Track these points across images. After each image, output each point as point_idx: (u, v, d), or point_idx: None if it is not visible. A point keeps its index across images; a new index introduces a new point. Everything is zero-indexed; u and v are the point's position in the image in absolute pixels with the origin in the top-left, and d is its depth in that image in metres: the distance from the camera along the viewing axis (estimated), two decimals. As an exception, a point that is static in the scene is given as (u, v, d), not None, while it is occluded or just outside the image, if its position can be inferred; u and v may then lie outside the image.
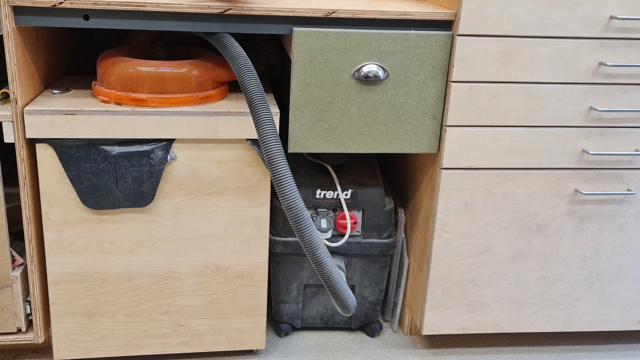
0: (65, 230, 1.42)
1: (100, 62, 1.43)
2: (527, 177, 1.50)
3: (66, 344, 1.51)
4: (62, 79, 1.59)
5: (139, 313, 1.52)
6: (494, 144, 1.46)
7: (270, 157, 1.26)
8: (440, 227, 1.52)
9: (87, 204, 1.40)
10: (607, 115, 1.48)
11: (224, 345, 1.59)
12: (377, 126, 1.45)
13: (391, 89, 1.42)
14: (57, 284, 1.46)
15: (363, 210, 1.63)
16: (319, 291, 1.72)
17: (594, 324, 1.67)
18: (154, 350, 1.56)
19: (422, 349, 1.73)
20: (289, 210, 1.27)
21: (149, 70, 1.39)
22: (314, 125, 1.43)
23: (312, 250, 1.29)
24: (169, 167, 1.41)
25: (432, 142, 1.48)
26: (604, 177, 1.53)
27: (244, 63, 1.31)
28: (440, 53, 1.40)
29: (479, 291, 1.59)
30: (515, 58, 1.40)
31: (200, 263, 1.50)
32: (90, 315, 1.50)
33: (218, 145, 1.41)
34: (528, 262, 1.58)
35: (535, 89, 1.43)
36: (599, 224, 1.57)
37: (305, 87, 1.40)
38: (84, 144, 1.36)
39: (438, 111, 1.45)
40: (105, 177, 1.38)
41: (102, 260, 1.46)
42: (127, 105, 1.39)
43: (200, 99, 1.43)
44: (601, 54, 1.42)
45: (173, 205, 1.44)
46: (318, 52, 1.38)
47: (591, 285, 1.63)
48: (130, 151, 1.38)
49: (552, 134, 1.47)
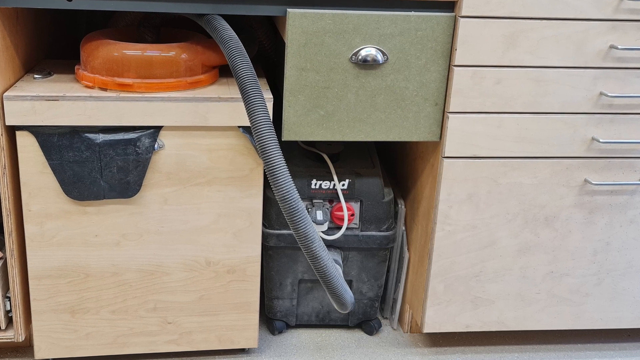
0: (47, 222, 1.43)
1: (84, 45, 1.44)
2: (534, 167, 1.51)
3: (48, 342, 1.52)
4: (43, 63, 1.59)
5: (125, 310, 1.53)
6: (499, 131, 1.47)
7: (263, 145, 1.26)
8: (442, 219, 1.53)
9: (70, 194, 1.41)
10: (618, 101, 1.49)
11: (215, 344, 1.60)
12: (375, 113, 1.46)
13: (390, 73, 1.43)
14: (38, 279, 1.47)
15: (361, 201, 1.64)
16: (315, 287, 1.73)
17: (605, 321, 1.68)
18: (140, 349, 1.57)
19: (423, 347, 1.74)
20: (283, 201, 1.28)
21: (135, 54, 1.40)
22: (309, 111, 1.44)
23: (307, 243, 1.30)
24: (156, 155, 1.42)
25: (433, 129, 1.48)
26: (614, 166, 1.54)
27: (235, 46, 1.31)
28: (442, 35, 1.41)
29: (483, 287, 1.60)
30: (521, 41, 1.41)
31: (189, 257, 1.51)
32: (73, 312, 1.51)
33: (208, 133, 1.42)
34: (535, 256, 1.59)
35: (542, 73, 1.44)
36: (609, 216, 1.58)
37: (300, 71, 1.41)
38: (67, 131, 1.37)
39: (440, 97, 1.46)
40: (89, 166, 1.39)
41: (85, 254, 1.47)
42: (112, 91, 1.39)
43: (190, 84, 1.44)
44: (612, 36, 1.43)
45: (160, 196, 1.45)
46: (313, 35, 1.38)
47: (601, 281, 1.64)
48: (115, 139, 1.39)
49: (560, 121, 1.48)
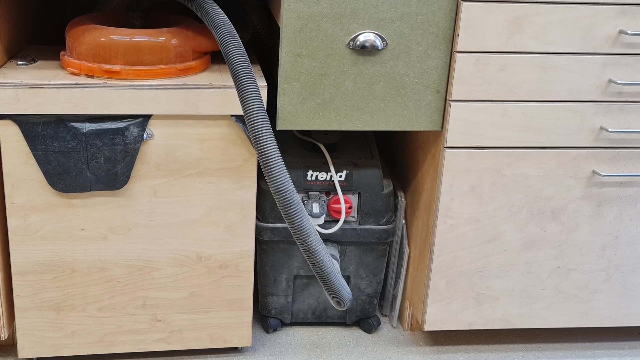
0: (31, 215, 1.44)
1: (70, 30, 1.44)
2: (540, 157, 1.52)
3: (32, 340, 1.53)
4: (27, 49, 1.59)
5: (112, 307, 1.53)
6: (503, 120, 1.48)
7: (256, 134, 1.27)
8: (444, 212, 1.54)
9: (55, 186, 1.41)
10: (627, 88, 1.49)
11: (206, 342, 1.60)
12: (374, 101, 1.46)
13: (390, 60, 1.43)
14: (21, 275, 1.47)
15: (359, 193, 1.64)
16: (311, 283, 1.73)
17: (614, 319, 1.69)
18: (128, 347, 1.58)
19: (424, 346, 1.75)
20: (278, 193, 1.28)
21: (123, 40, 1.40)
22: (305, 99, 1.45)
23: (303, 237, 1.30)
24: (145, 146, 1.43)
25: (435, 118, 1.49)
26: (624, 156, 1.54)
27: (227, 31, 1.31)
28: (444, 20, 1.41)
29: (487, 283, 1.61)
30: (526, 26, 1.41)
31: (179, 252, 1.52)
32: (58, 309, 1.51)
33: (199, 122, 1.43)
34: (541, 250, 1.60)
35: (548, 60, 1.45)
36: (619, 209, 1.58)
37: (296, 57, 1.41)
38: (52, 120, 1.37)
39: (442, 84, 1.46)
40: (75, 157, 1.40)
41: (71, 248, 1.47)
42: (99, 78, 1.40)
43: (180, 71, 1.44)
44: (621, 21, 1.43)
45: (150, 188, 1.46)
46: (309, 19, 1.39)
47: (610, 276, 1.65)
48: (102, 128, 1.39)
49: (567, 109, 1.49)
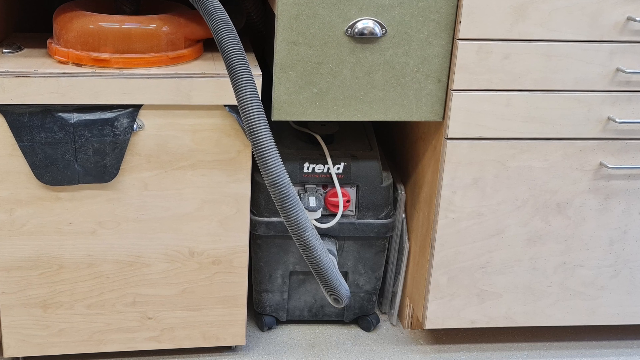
0: (16, 209, 1.44)
1: (57, 17, 1.44)
2: (545, 149, 1.52)
3: (17, 339, 1.53)
4: (13, 37, 1.60)
5: (101, 304, 1.54)
6: (507, 110, 1.48)
7: (251, 125, 1.27)
8: (446, 205, 1.54)
9: (41, 179, 1.41)
10: (636, 77, 1.49)
11: (199, 341, 1.61)
12: (373, 90, 1.47)
13: (389, 47, 1.44)
14: (7, 271, 1.48)
15: (357, 186, 1.65)
16: (307, 279, 1.74)
17: (621, 317, 1.69)
18: (118, 346, 1.58)
19: (425, 344, 1.75)
20: (273, 186, 1.28)
21: (113, 27, 1.40)
22: (301, 89, 1.45)
23: (299, 232, 1.31)
24: (135, 137, 1.43)
25: (436, 108, 1.50)
26: (632, 148, 1.55)
27: (221, 18, 1.31)
28: (446, 6, 1.42)
29: (490, 279, 1.62)
30: (531, 12, 1.42)
31: (171, 247, 1.52)
32: (45, 306, 1.52)
33: (191, 112, 1.43)
34: (546, 245, 1.60)
35: (554, 48, 1.45)
36: (627, 202, 1.59)
37: (292, 45, 1.42)
38: (39, 110, 1.38)
39: (443, 73, 1.47)
40: (62, 148, 1.40)
41: (58, 243, 1.48)
42: (88, 67, 1.40)
43: (171, 59, 1.44)
44: (629, 7, 1.44)
45: (140, 180, 1.46)
46: (306, 6, 1.39)
47: (618, 272, 1.65)
48: (91, 119, 1.40)
49: (573, 99, 1.49)
